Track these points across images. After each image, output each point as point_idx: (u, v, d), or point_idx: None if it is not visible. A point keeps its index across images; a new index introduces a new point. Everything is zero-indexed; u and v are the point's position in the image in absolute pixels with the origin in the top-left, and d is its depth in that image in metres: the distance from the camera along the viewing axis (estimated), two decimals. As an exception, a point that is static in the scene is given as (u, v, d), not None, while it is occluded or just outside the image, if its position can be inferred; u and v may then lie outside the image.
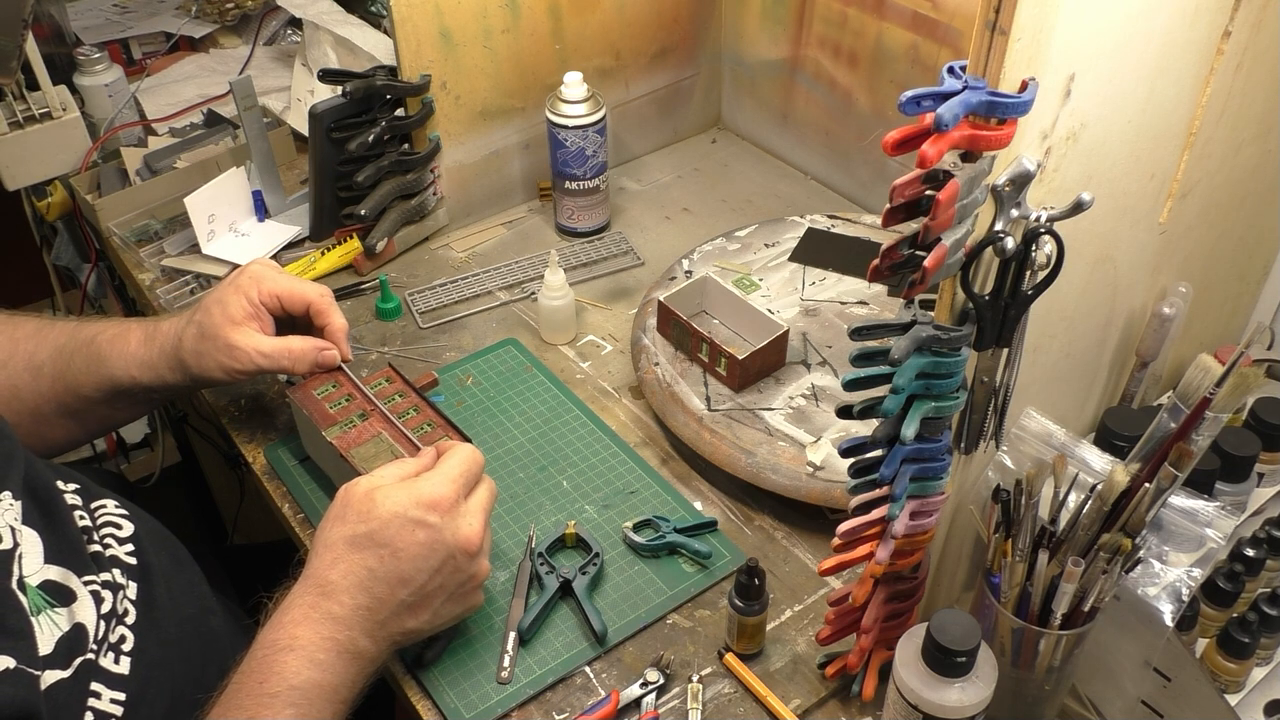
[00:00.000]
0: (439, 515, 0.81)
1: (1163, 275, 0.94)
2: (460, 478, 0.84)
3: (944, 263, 0.63)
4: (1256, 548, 0.90)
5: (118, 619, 0.81)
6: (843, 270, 1.22)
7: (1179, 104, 0.80)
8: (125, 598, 0.82)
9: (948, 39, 1.20)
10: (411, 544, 0.80)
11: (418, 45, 1.23)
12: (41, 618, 0.74)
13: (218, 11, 1.74)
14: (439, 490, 0.82)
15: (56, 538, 0.80)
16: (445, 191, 1.36)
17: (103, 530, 0.86)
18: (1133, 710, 0.82)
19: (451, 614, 0.85)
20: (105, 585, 0.80)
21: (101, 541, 0.85)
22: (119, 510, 0.89)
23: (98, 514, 0.88)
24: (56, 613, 0.76)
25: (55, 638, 0.75)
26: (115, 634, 0.80)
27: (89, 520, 0.85)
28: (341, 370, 1.02)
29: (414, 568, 0.80)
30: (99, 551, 0.83)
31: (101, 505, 0.89)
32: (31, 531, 0.78)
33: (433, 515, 0.81)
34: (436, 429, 0.99)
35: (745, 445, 1.02)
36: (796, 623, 0.94)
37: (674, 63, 1.48)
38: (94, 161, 1.46)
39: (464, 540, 0.82)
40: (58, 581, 0.77)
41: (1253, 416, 0.96)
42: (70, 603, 0.77)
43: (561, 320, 1.20)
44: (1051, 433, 0.81)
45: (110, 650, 0.79)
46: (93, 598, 0.79)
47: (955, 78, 0.61)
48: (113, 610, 0.80)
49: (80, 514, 0.85)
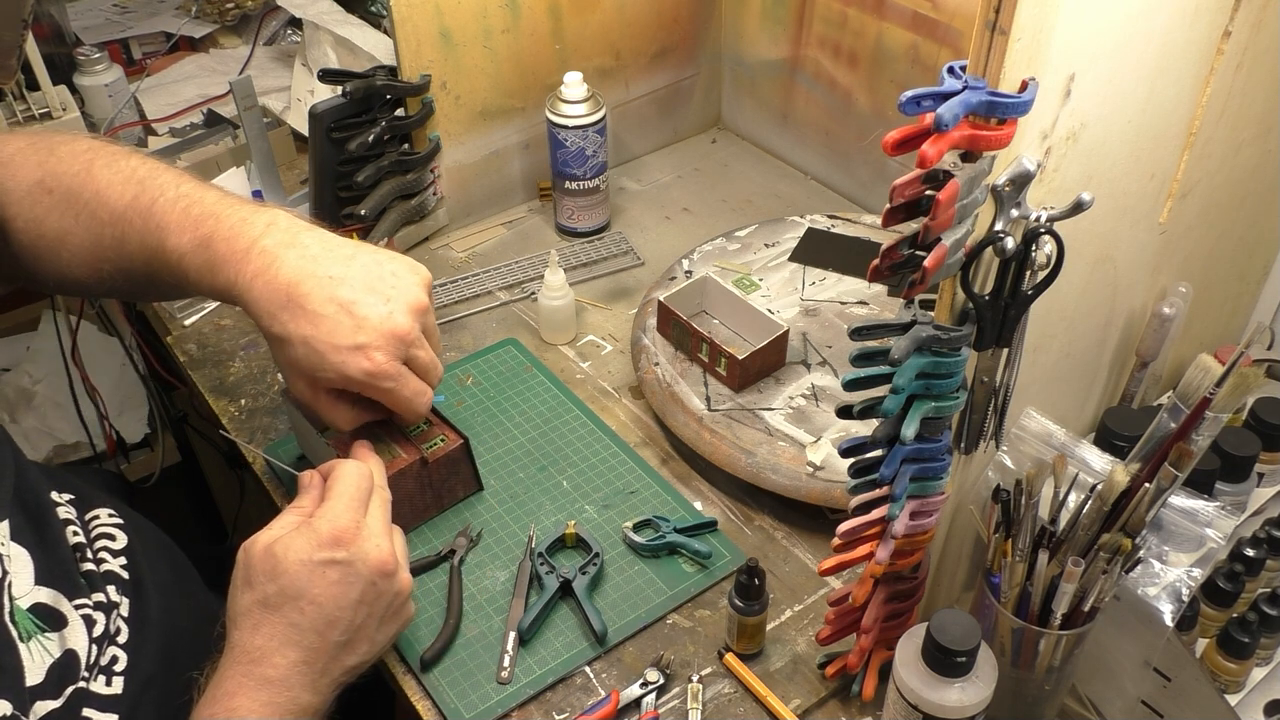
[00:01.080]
0: (345, 549, 0.78)
1: (1163, 275, 0.94)
2: (354, 500, 0.81)
3: (944, 263, 0.63)
4: (1256, 548, 0.90)
5: (109, 639, 0.79)
6: (843, 270, 1.22)
7: (1179, 104, 0.80)
8: (118, 616, 0.81)
9: (948, 39, 1.20)
10: (327, 587, 0.77)
11: (418, 45, 1.23)
12: (32, 644, 0.73)
13: (218, 11, 1.74)
14: (338, 523, 0.79)
15: (47, 557, 0.78)
16: (445, 191, 1.36)
17: (96, 545, 0.85)
18: (1133, 710, 0.82)
19: (388, 636, 0.82)
20: (97, 606, 0.79)
21: (95, 557, 0.84)
22: (114, 520, 0.88)
23: (92, 526, 0.86)
24: (47, 638, 0.75)
25: (46, 665, 0.73)
26: (106, 655, 0.79)
27: (82, 535, 0.84)
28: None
29: (337, 608, 0.77)
30: (91, 570, 0.82)
31: (95, 516, 0.87)
32: (21, 550, 0.77)
33: (339, 551, 0.78)
34: (433, 426, 1.00)
35: (745, 445, 1.02)
36: (796, 623, 0.94)
37: (674, 63, 1.48)
38: (94, 161, 1.45)
39: (377, 564, 0.79)
40: (48, 605, 0.76)
41: (1253, 416, 0.96)
42: (61, 628, 0.76)
43: (561, 320, 1.21)
44: (1051, 433, 0.81)
45: (101, 674, 0.78)
46: (84, 622, 0.77)
47: (955, 78, 0.61)
48: (105, 633, 0.79)
49: (74, 529, 0.84)
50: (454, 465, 1.00)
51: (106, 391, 1.79)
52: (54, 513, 0.83)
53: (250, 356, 1.20)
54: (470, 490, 1.04)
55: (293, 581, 0.76)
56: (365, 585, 0.79)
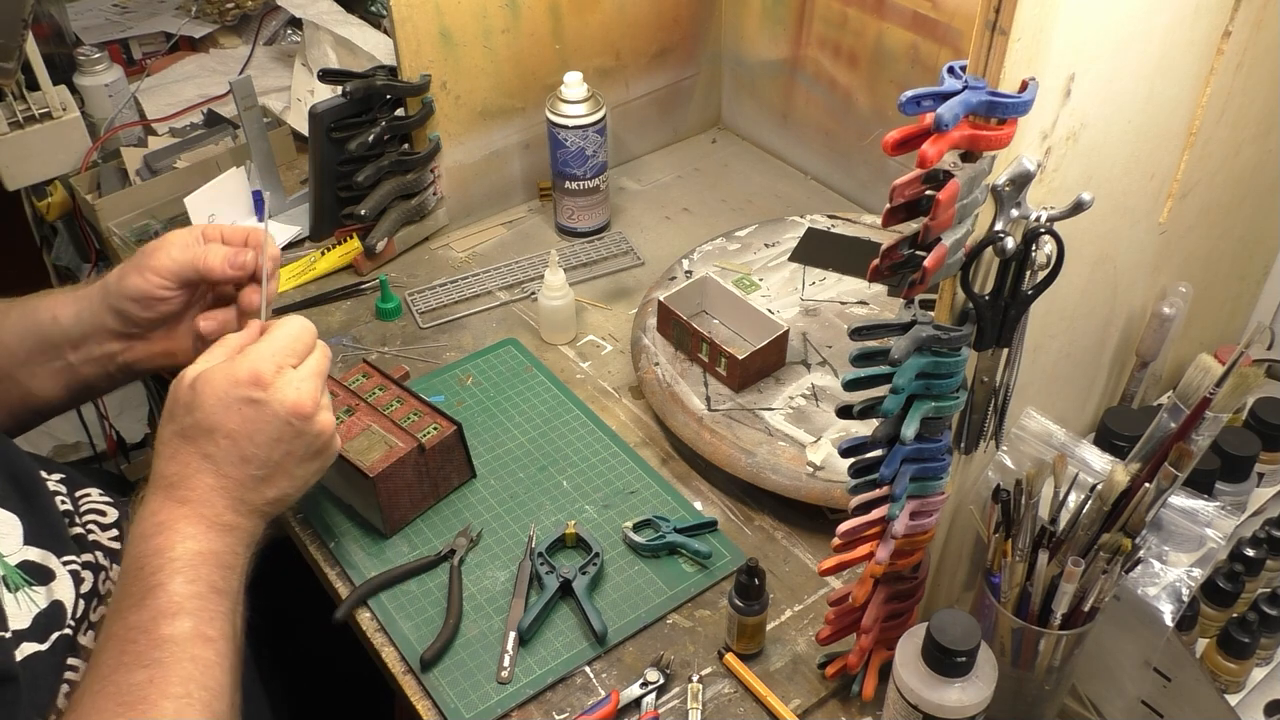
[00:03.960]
0: (263, 389, 0.79)
1: (1163, 275, 0.94)
2: (283, 350, 0.82)
3: (944, 263, 0.63)
4: (1256, 548, 0.90)
5: (99, 599, 0.81)
6: (843, 270, 1.22)
7: (1179, 104, 0.80)
8: (108, 579, 0.83)
9: (948, 39, 1.20)
10: (241, 423, 0.78)
11: (418, 45, 1.23)
12: (19, 595, 0.75)
13: (218, 11, 1.74)
14: (259, 365, 0.80)
15: (36, 520, 0.80)
16: (445, 191, 1.36)
17: (86, 516, 0.86)
18: (1133, 710, 0.82)
19: (310, 472, 0.84)
20: (86, 566, 0.81)
21: (84, 525, 0.85)
22: (103, 498, 0.89)
23: (81, 501, 0.88)
24: (34, 591, 0.76)
25: (33, 614, 0.75)
26: (96, 614, 0.80)
27: (71, 505, 0.86)
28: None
29: (251, 444, 0.79)
30: (81, 534, 0.84)
31: (86, 494, 0.89)
32: (10, 515, 0.79)
33: (256, 390, 0.79)
34: (424, 416, 1.01)
35: (745, 445, 1.02)
36: (796, 623, 0.94)
37: (674, 63, 1.48)
38: (94, 161, 1.46)
39: (293, 405, 0.80)
40: (36, 562, 0.78)
41: (1253, 416, 0.96)
42: (49, 581, 0.78)
43: (561, 320, 1.21)
44: (1051, 433, 0.81)
45: (90, 629, 0.79)
46: (72, 577, 0.79)
47: (955, 78, 0.61)
48: (94, 590, 0.80)
49: (62, 499, 0.85)
50: (449, 451, 1.01)
51: (106, 391, 1.79)
52: (43, 485, 0.84)
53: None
54: (465, 478, 1.04)
55: (208, 415, 0.78)
56: (281, 425, 0.80)
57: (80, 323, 0.94)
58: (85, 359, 0.96)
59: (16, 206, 1.58)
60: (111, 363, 0.96)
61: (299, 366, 0.82)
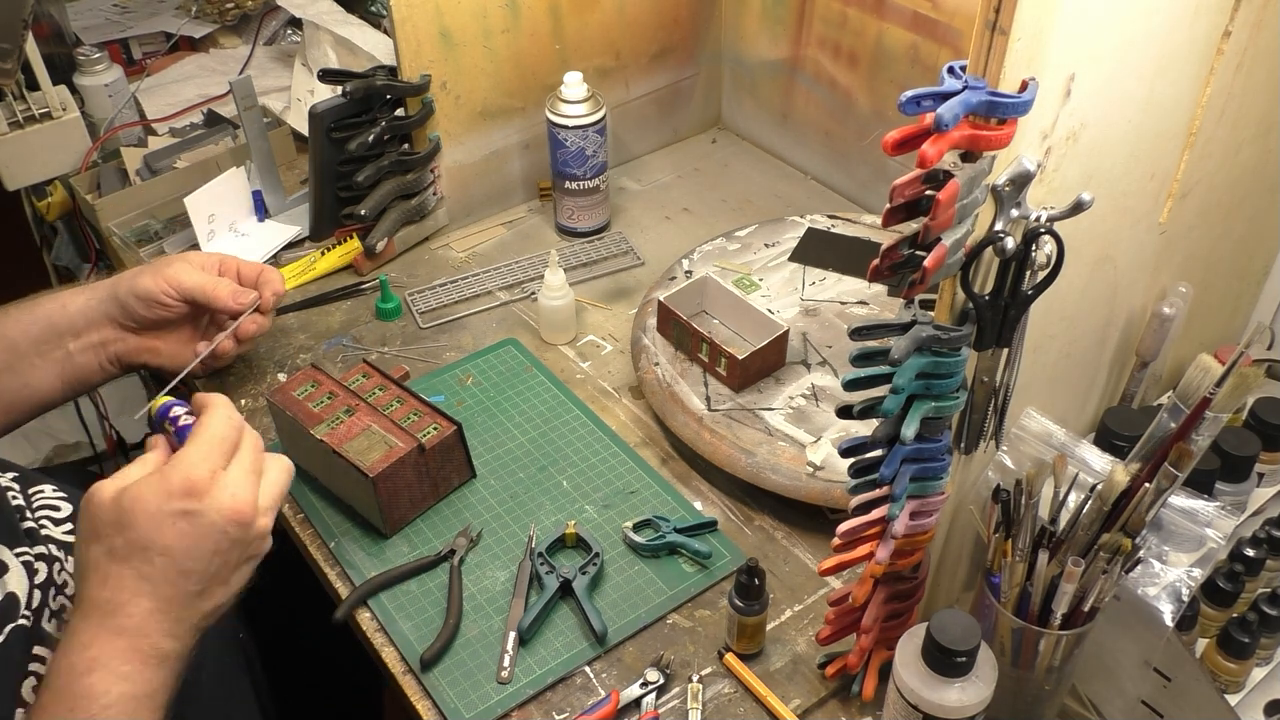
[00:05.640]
0: (198, 500, 0.74)
1: (1163, 275, 0.94)
2: (213, 451, 0.77)
3: (944, 263, 0.63)
4: (1256, 548, 0.90)
5: (57, 589, 0.79)
6: (843, 270, 1.22)
7: (1179, 104, 0.80)
8: (64, 570, 0.81)
9: (948, 39, 1.20)
10: (178, 538, 0.74)
11: (418, 45, 1.23)
12: None
13: (218, 11, 1.74)
14: (192, 472, 0.75)
15: None
16: (445, 191, 1.36)
17: (39, 511, 0.85)
18: (1133, 710, 0.82)
19: (244, 577, 0.79)
20: (39, 558, 0.79)
21: (36, 520, 0.83)
22: (57, 494, 0.88)
23: (34, 497, 0.86)
24: None
25: None
26: (56, 603, 0.78)
27: (23, 500, 0.84)
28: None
29: (190, 559, 0.74)
30: (33, 528, 0.82)
31: (39, 490, 0.87)
32: None
33: (191, 502, 0.74)
34: (424, 416, 1.01)
35: (745, 445, 1.02)
36: (796, 623, 0.94)
37: (674, 63, 1.48)
38: (94, 161, 1.45)
39: (230, 514, 0.75)
40: None
41: (1253, 416, 0.96)
42: (2, 574, 0.76)
43: (561, 320, 1.20)
44: (1051, 433, 0.81)
45: (53, 618, 0.77)
46: (25, 569, 0.77)
47: (955, 78, 0.61)
48: (49, 579, 0.78)
49: (14, 495, 0.83)
50: (449, 451, 1.01)
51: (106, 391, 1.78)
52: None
53: (250, 357, 1.20)
54: (464, 478, 1.04)
55: (141, 534, 0.73)
56: (218, 535, 0.75)
57: (87, 310, 1.04)
58: (83, 347, 1.05)
59: (16, 206, 1.57)
60: (104, 351, 1.06)
61: (230, 466, 0.78)
